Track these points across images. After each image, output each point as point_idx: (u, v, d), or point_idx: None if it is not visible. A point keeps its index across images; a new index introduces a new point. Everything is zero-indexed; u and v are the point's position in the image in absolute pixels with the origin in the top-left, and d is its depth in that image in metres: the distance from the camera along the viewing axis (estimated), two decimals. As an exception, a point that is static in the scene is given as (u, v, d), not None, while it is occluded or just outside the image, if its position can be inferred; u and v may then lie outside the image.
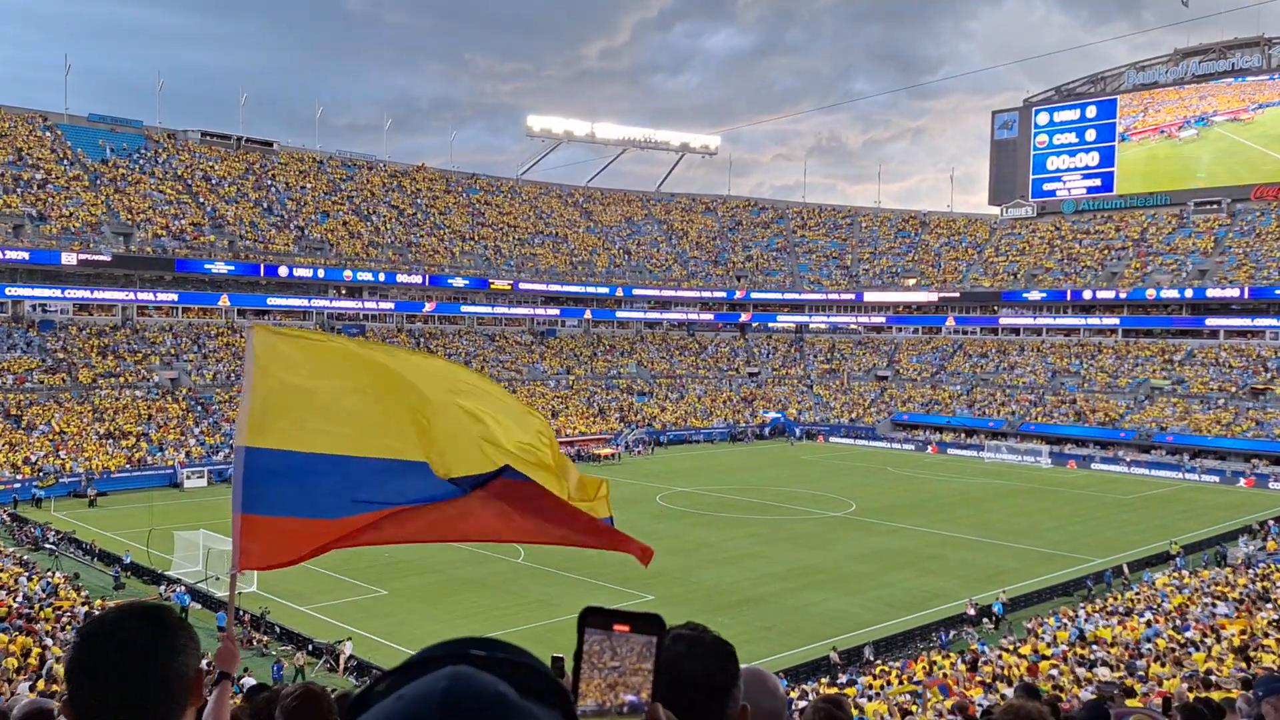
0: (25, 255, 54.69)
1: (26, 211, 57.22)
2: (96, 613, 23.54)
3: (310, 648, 24.18)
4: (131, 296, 59.24)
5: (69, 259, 55.67)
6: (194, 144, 71.98)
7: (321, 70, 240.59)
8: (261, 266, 63.39)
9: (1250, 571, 29.61)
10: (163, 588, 28.77)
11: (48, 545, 33.98)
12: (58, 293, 56.82)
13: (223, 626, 14.10)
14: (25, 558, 30.60)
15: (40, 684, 16.59)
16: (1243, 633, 21.29)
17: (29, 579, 26.10)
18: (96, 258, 56.73)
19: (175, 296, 60.91)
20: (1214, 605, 25.09)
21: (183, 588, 28.08)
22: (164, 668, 1.55)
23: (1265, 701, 4.25)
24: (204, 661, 1.88)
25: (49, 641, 19.99)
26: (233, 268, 62.27)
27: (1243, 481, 52.67)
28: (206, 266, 61.29)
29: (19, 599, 23.32)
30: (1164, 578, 30.83)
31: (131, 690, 1.51)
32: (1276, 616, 22.69)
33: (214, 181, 69.10)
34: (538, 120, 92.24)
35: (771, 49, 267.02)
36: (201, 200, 66.68)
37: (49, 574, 27.54)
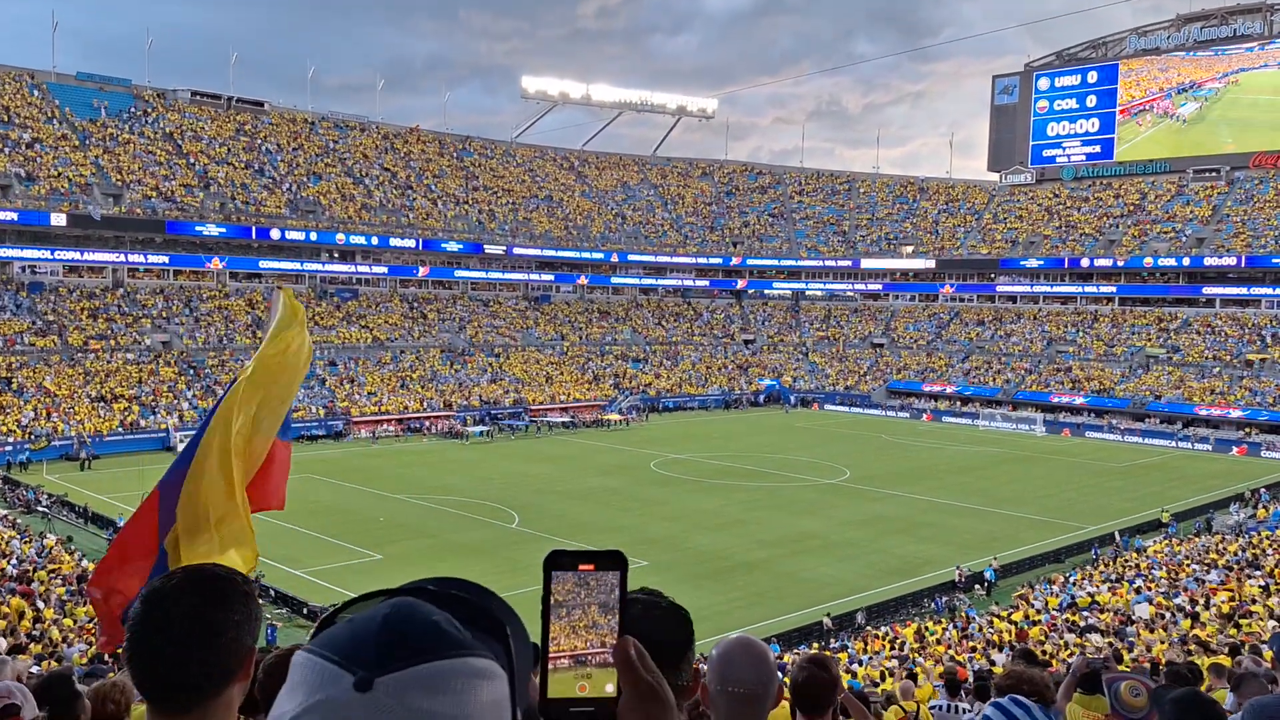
0: (14, 216, 54.08)
1: (15, 172, 56.48)
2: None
3: (305, 611, 24.24)
4: (122, 258, 58.72)
5: (58, 220, 55.06)
6: (184, 104, 71.00)
7: (313, 28, 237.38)
8: (253, 229, 62.81)
9: (1241, 539, 29.81)
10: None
11: (40, 508, 33.94)
12: (47, 254, 56.27)
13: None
14: (18, 520, 30.56)
15: (36, 647, 16.57)
16: (1231, 599, 21.43)
17: (22, 542, 26.07)
18: (86, 218, 56.14)
19: (166, 259, 60.37)
20: (1204, 572, 25.26)
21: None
22: (217, 639, 1.56)
23: None
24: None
25: (41, 605, 19.97)
26: (224, 230, 61.68)
27: (1235, 450, 52.89)
28: (197, 228, 60.70)
29: (13, 562, 23.28)
30: (1155, 545, 31.02)
31: (183, 658, 1.53)
32: (1265, 583, 22.83)
33: (204, 142, 68.25)
34: (533, 81, 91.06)
35: (772, 9, 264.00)
36: (192, 161, 65.89)
37: (41, 536, 27.49)
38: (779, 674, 2.23)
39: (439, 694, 0.80)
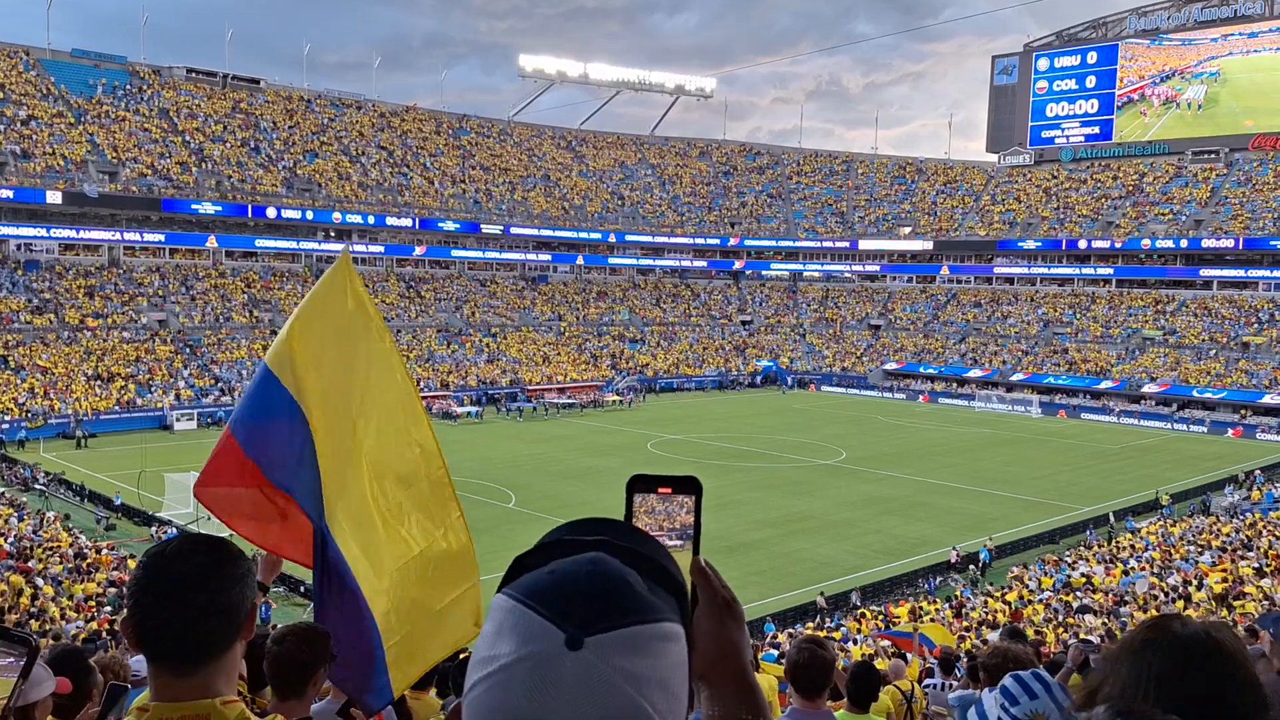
0: (9, 194, 53.79)
1: (10, 149, 56.14)
2: (87, 547, 23.56)
3: (302, 590, 24.31)
4: (118, 236, 58.47)
5: (54, 198, 54.78)
6: (180, 81, 70.49)
7: (309, 5, 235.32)
8: (249, 207, 62.54)
9: (1235, 521, 29.99)
10: (154, 529, 28.86)
11: (37, 486, 33.99)
12: (43, 232, 56.01)
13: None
14: (16, 498, 30.62)
15: (34, 624, 16.66)
16: (1224, 580, 21.60)
17: (19, 519, 26.14)
18: (82, 196, 55.84)
19: (162, 237, 60.14)
20: (1198, 554, 25.43)
21: (174, 529, 28.14)
22: (217, 598, 1.63)
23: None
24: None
25: (40, 582, 20.06)
26: (220, 208, 61.42)
27: (1230, 432, 53.06)
28: (193, 207, 60.44)
29: (11, 540, 23.35)
30: (1149, 526, 31.20)
31: (184, 617, 1.60)
32: (1259, 564, 23.00)
33: (200, 120, 67.82)
34: (530, 60, 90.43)
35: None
36: (188, 139, 65.50)
37: (38, 514, 27.55)
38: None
39: (639, 656, 0.86)
